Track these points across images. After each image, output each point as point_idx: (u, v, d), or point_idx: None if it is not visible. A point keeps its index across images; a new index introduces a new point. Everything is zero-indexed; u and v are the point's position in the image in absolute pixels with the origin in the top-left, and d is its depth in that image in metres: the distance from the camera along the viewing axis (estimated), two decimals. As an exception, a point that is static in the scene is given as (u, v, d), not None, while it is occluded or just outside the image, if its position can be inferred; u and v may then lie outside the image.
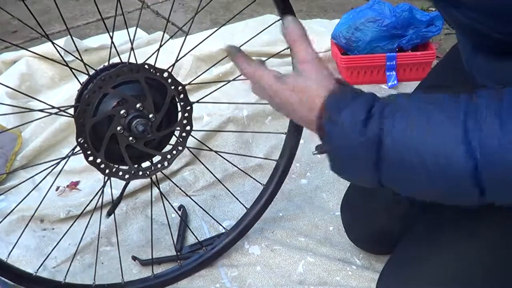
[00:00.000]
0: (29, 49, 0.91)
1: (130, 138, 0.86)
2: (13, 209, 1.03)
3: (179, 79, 1.75)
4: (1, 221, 1.02)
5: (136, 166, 0.91)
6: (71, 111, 0.86)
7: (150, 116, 0.86)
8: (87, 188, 1.37)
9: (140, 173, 0.92)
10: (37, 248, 1.20)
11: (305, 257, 1.16)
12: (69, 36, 1.80)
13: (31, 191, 0.96)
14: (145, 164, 0.94)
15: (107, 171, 0.89)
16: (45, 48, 1.69)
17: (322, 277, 1.12)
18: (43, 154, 1.50)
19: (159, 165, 0.93)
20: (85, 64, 0.87)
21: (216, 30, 1.08)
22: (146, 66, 0.85)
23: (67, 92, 1.66)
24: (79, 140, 0.84)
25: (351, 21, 1.72)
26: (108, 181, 0.93)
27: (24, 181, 1.05)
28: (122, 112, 0.84)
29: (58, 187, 1.37)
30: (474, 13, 0.72)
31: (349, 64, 1.72)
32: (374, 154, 0.68)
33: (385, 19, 1.68)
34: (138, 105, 0.85)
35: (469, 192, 0.63)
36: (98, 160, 0.87)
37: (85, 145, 0.85)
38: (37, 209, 1.02)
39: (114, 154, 0.88)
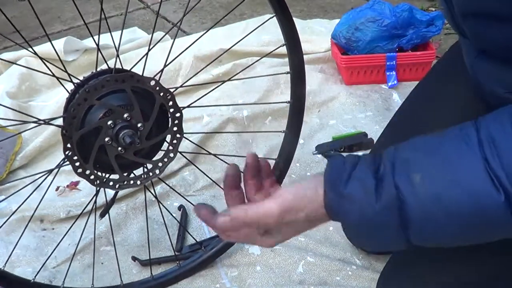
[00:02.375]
0: (33, 49, 0.90)
1: (119, 148, 0.84)
2: (14, 211, 1.02)
3: (179, 79, 1.76)
4: (3, 224, 1.02)
5: (127, 174, 0.89)
6: (60, 120, 0.84)
7: (139, 125, 0.84)
8: (87, 188, 1.37)
9: (132, 182, 0.90)
10: (37, 248, 1.20)
11: (305, 257, 1.15)
12: (69, 36, 1.81)
13: (30, 191, 0.96)
14: (137, 170, 0.92)
15: (97, 181, 0.87)
16: (44, 48, 1.69)
17: (322, 277, 1.12)
18: (43, 154, 1.50)
19: (150, 173, 0.91)
20: (69, 74, 0.86)
21: (205, 32, 1.07)
22: (132, 76, 0.83)
23: (66, 93, 1.66)
24: (66, 153, 0.82)
25: (351, 21, 1.72)
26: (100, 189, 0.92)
27: (24, 186, 1.05)
28: (109, 123, 0.82)
29: (58, 187, 1.37)
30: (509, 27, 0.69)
31: (349, 64, 1.72)
32: (397, 217, 0.62)
33: (385, 19, 1.68)
34: (125, 115, 0.83)
35: (508, 226, 0.60)
36: (88, 172, 0.85)
37: (74, 157, 0.83)
38: (35, 210, 1.02)
39: (104, 164, 0.86)
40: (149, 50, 0.91)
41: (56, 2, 2.48)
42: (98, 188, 0.91)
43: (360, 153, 1.45)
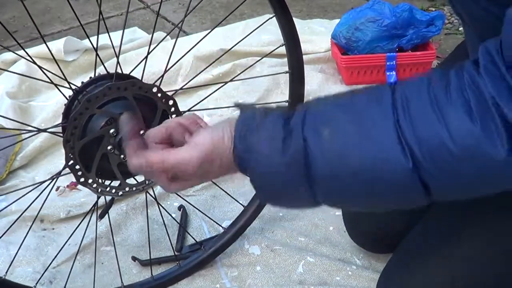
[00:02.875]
0: (29, 54, 0.90)
1: (122, 156, 0.84)
2: (18, 214, 1.02)
3: (179, 79, 1.76)
4: (8, 229, 1.02)
5: (129, 181, 0.89)
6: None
7: (141, 132, 0.84)
8: (87, 188, 1.37)
9: (134, 188, 0.89)
10: (37, 248, 1.20)
11: (305, 257, 1.15)
12: (69, 36, 1.81)
13: (32, 193, 0.96)
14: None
15: (99, 190, 0.87)
16: (44, 48, 1.69)
17: (322, 277, 1.12)
18: (43, 154, 1.50)
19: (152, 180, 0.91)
20: (68, 82, 0.85)
21: (208, 33, 1.07)
22: (134, 83, 0.82)
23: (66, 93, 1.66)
24: (69, 163, 0.82)
25: (351, 21, 1.72)
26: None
27: (27, 193, 1.05)
28: (111, 131, 0.82)
29: (58, 187, 1.37)
30: (492, 5, 0.69)
31: (349, 64, 1.72)
32: (303, 172, 0.59)
33: (385, 19, 1.68)
34: None
35: (413, 192, 0.58)
36: (90, 181, 0.85)
37: (76, 167, 0.83)
38: (38, 213, 1.02)
39: (106, 171, 0.86)
40: (148, 53, 0.91)
41: (56, 2, 2.48)
42: (98, 197, 0.91)
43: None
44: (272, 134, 0.61)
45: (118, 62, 0.87)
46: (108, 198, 0.96)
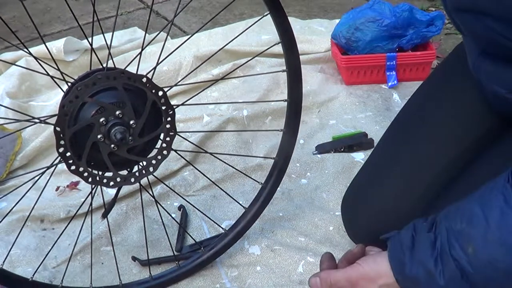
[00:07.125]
0: (28, 49, 0.90)
1: (112, 145, 0.85)
2: (11, 209, 1.02)
3: (179, 79, 1.76)
4: (1, 221, 1.02)
5: (122, 172, 0.90)
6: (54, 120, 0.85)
7: (131, 122, 0.85)
8: (87, 188, 1.37)
9: (126, 179, 0.90)
10: (37, 248, 1.20)
11: (305, 257, 1.16)
12: (69, 36, 1.81)
13: (28, 190, 0.96)
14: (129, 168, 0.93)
15: (91, 179, 0.88)
16: (43, 48, 1.69)
17: (322, 277, 1.11)
18: (43, 154, 1.50)
19: (144, 171, 0.92)
20: (63, 74, 0.86)
21: (189, 37, 1.07)
22: (123, 73, 0.84)
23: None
24: (59, 150, 0.83)
25: (351, 21, 1.72)
26: (98, 187, 0.92)
27: (22, 184, 1.05)
28: (101, 120, 0.83)
29: (58, 187, 1.37)
30: (497, 23, 0.73)
31: (349, 64, 1.72)
32: (464, 284, 0.73)
33: (385, 19, 1.68)
34: (117, 112, 0.84)
35: None
36: (81, 169, 0.86)
37: (67, 154, 0.84)
38: (33, 208, 1.02)
39: (98, 162, 0.87)
40: (142, 49, 0.92)
41: (56, 2, 2.48)
42: (93, 187, 0.92)
43: (360, 153, 1.45)
44: (425, 265, 0.76)
45: (109, 53, 0.88)
46: (108, 194, 0.96)
